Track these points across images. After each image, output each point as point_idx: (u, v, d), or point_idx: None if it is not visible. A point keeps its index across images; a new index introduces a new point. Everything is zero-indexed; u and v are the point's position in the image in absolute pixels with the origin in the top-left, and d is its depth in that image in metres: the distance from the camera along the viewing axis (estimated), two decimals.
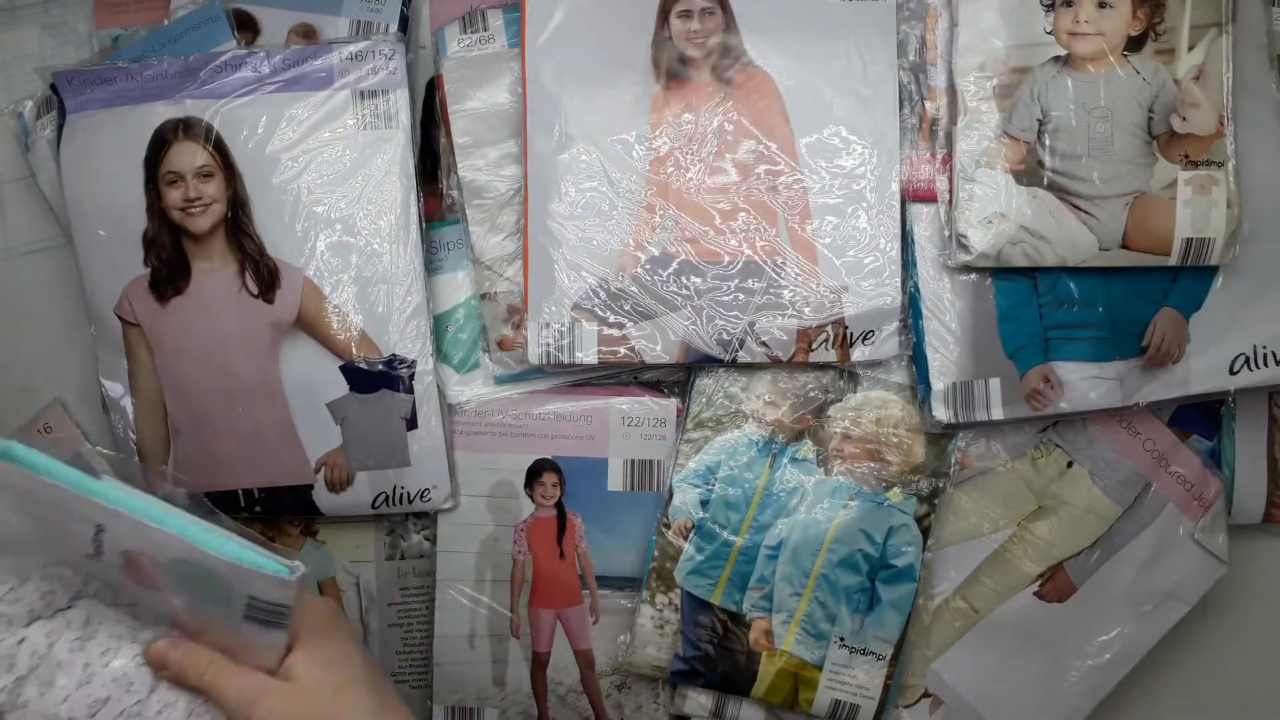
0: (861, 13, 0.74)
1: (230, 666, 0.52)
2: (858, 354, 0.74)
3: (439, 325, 0.78)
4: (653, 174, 0.74)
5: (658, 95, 0.75)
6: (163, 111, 0.74)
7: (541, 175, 0.74)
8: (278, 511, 0.79)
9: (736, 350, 0.74)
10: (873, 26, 0.74)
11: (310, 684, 0.52)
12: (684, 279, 0.74)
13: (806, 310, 0.73)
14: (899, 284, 0.73)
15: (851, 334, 0.74)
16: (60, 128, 0.76)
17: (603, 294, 0.74)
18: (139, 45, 0.78)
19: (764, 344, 0.73)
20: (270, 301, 0.74)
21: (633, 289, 0.74)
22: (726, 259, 0.74)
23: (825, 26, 0.74)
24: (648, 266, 0.74)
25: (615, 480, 0.78)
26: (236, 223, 0.74)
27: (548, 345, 0.74)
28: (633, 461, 0.78)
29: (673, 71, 0.75)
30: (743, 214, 0.74)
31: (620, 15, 0.75)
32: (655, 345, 0.74)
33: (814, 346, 0.74)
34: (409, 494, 0.77)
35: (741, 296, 0.74)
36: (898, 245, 0.73)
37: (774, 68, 0.74)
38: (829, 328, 0.73)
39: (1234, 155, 0.71)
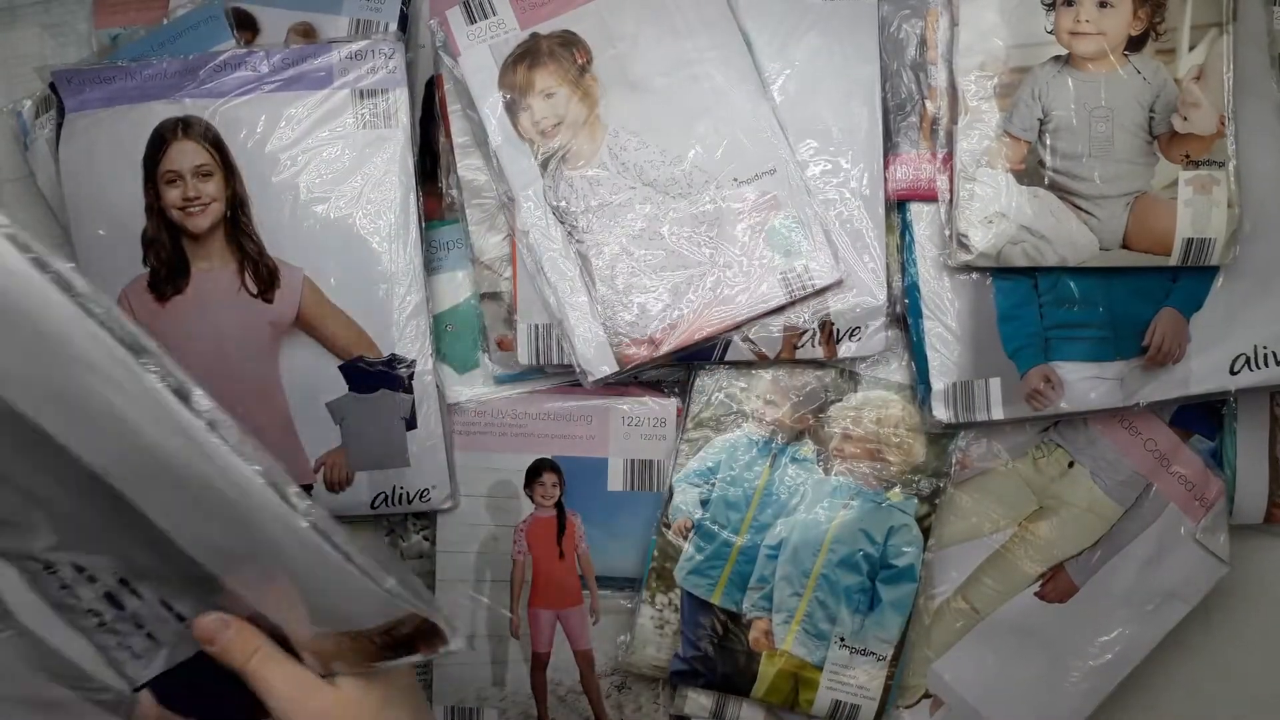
0: (843, 12, 0.73)
1: (279, 656, 0.51)
2: (844, 350, 0.73)
3: (439, 325, 0.78)
4: None
5: None
6: (162, 111, 0.74)
7: None
8: None
9: (724, 349, 0.73)
10: (856, 25, 0.73)
11: (355, 695, 0.51)
12: None
13: (793, 307, 0.73)
14: (884, 280, 0.73)
15: (838, 330, 0.73)
16: (59, 127, 0.76)
17: None
18: (138, 45, 0.78)
19: (751, 341, 0.73)
20: (269, 301, 0.74)
21: None
22: None
23: (807, 25, 0.74)
24: None
25: (615, 480, 0.78)
26: (236, 222, 0.74)
27: (538, 347, 0.74)
28: (633, 461, 0.77)
29: None
30: None
31: None
32: None
33: (800, 344, 0.73)
34: (408, 494, 0.77)
35: None
36: (883, 241, 0.73)
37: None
38: (815, 325, 0.73)
39: (1235, 155, 0.71)
